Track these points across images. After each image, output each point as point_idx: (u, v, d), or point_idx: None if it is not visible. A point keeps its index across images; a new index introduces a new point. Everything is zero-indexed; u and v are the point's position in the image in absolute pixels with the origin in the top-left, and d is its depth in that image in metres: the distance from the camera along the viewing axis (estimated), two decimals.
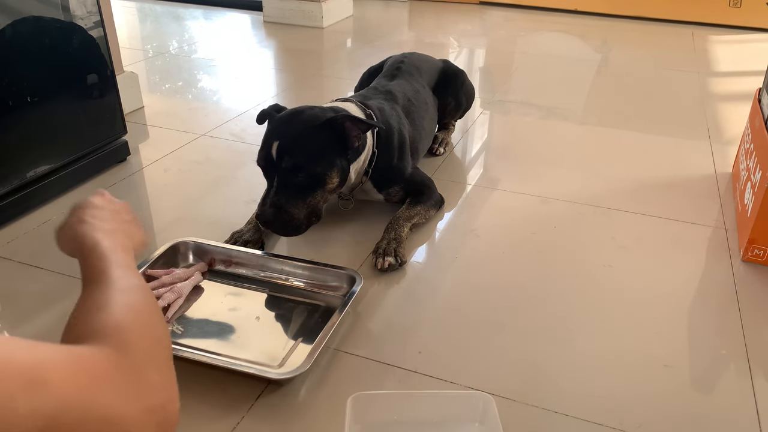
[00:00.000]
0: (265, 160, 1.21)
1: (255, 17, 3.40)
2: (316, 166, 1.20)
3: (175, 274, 1.14)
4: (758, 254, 1.29)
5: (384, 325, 1.10)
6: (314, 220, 1.25)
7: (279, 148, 1.19)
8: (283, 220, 1.19)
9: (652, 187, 1.61)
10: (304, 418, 0.90)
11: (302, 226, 1.22)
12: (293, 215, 1.19)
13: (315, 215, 1.24)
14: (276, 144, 1.20)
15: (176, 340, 1.02)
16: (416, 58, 1.74)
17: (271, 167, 1.21)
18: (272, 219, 1.18)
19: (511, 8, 3.73)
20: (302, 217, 1.21)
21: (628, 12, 3.53)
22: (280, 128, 1.24)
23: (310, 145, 1.21)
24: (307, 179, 1.20)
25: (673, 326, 1.11)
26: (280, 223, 1.20)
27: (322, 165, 1.21)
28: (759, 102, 1.54)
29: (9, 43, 1.30)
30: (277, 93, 2.30)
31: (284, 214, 1.19)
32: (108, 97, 1.60)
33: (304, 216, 1.21)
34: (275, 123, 1.27)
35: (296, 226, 1.21)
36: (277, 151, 1.19)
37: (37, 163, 1.43)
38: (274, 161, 1.20)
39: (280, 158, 1.19)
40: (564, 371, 1.00)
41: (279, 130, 1.23)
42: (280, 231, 1.22)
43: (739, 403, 0.95)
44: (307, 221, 1.23)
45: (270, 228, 1.22)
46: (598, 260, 1.30)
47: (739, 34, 3.29)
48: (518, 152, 1.82)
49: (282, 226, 1.20)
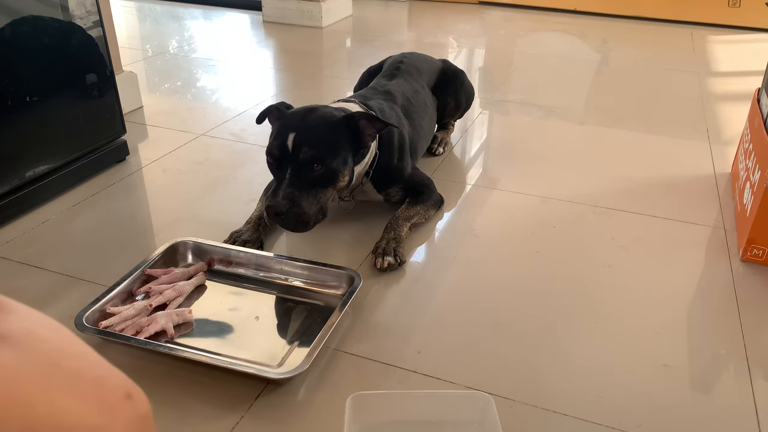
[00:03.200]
0: (280, 150, 1.18)
1: (254, 17, 3.40)
2: (333, 161, 1.19)
3: (174, 274, 1.15)
4: (757, 254, 1.29)
5: (383, 324, 1.10)
6: (321, 217, 1.22)
7: (296, 139, 1.17)
8: (295, 214, 1.16)
9: (652, 187, 1.61)
10: (303, 418, 0.90)
11: (311, 222, 1.19)
12: (305, 210, 1.17)
13: (322, 213, 1.22)
14: (293, 135, 1.17)
15: (176, 340, 1.02)
16: (415, 58, 1.74)
17: (285, 159, 1.18)
18: (285, 211, 1.14)
19: (510, 8, 3.73)
20: (312, 212, 1.18)
21: (628, 12, 3.53)
22: (296, 121, 1.22)
23: (328, 139, 1.20)
24: (323, 173, 1.18)
25: (672, 326, 1.11)
26: (292, 216, 1.16)
27: (338, 161, 1.20)
28: (758, 102, 1.54)
29: (8, 42, 1.30)
30: (276, 93, 2.30)
31: (297, 208, 1.16)
32: (107, 96, 1.60)
33: (314, 212, 1.19)
34: (289, 117, 1.25)
35: (306, 222, 1.18)
36: (294, 141, 1.17)
37: (36, 162, 1.43)
38: (289, 153, 1.18)
39: (296, 149, 1.17)
40: (563, 371, 1.00)
41: (294, 124, 1.21)
42: (290, 225, 1.18)
43: (738, 402, 0.95)
44: (315, 218, 1.20)
45: (279, 221, 1.17)
46: (597, 260, 1.30)
47: (739, 34, 3.29)
48: (518, 152, 1.82)
49: (293, 219, 1.16)
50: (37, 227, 1.37)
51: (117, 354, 1.01)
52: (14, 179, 1.38)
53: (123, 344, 1.01)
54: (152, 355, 1.00)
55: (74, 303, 1.10)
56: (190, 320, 1.06)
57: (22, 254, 1.27)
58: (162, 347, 0.98)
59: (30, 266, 1.23)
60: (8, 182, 1.36)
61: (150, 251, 1.25)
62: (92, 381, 0.30)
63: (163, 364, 0.99)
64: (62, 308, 1.10)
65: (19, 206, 1.40)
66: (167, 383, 0.95)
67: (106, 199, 1.50)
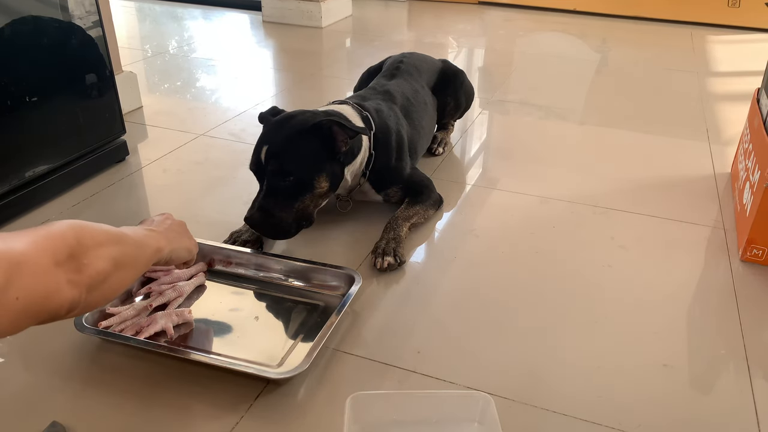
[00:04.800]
0: (256, 164, 1.23)
1: (254, 17, 3.40)
2: (303, 172, 1.20)
3: (174, 274, 1.14)
4: (757, 254, 1.29)
5: (383, 324, 1.10)
6: (305, 224, 1.25)
7: (268, 152, 1.20)
8: (271, 224, 1.20)
9: (651, 187, 1.61)
10: (303, 418, 0.90)
11: (291, 230, 1.23)
12: (281, 218, 1.20)
13: (305, 219, 1.25)
14: (265, 148, 1.21)
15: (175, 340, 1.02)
16: (415, 58, 1.74)
17: (261, 171, 1.22)
18: (259, 222, 1.20)
19: (510, 8, 3.73)
20: (290, 220, 1.21)
21: (627, 12, 3.53)
22: (270, 133, 1.25)
23: (297, 150, 1.21)
24: (293, 184, 1.20)
25: (672, 326, 1.11)
26: (269, 227, 1.21)
27: (309, 170, 1.21)
28: (758, 102, 1.54)
29: (8, 42, 1.30)
30: (276, 93, 2.30)
31: (271, 218, 1.19)
32: (107, 96, 1.60)
33: (292, 219, 1.22)
34: (267, 128, 1.28)
35: (285, 230, 1.22)
36: (265, 155, 1.20)
37: (36, 162, 1.43)
38: (263, 166, 1.21)
39: (267, 162, 1.20)
40: (563, 371, 1.00)
41: (269, 135, 1.24)
42: (269, 234, 1.23)
43: (738, 403, 0.95)
44: (296, 225, 1.23)
45: (258, 231, 1.23)
46: (597, 260, 1.30)
47: (738, 34, 3.29)
48: (517, 152, 1.82)
49: (271, 229, 1.21)
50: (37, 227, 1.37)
51: (117, 354, 1.01)
52: (14, 179, 1.38)
53: (123, 344, 1.01)
54: (152, 355, 1.00)
55: None
56: (190, 320, 1.06)
57: None
58: (162, 347, 0.98)
59: None
60: (8, 182, 1.36)
61: None
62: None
63: (163, 364, 0.99)
64: None
65: (19, 206, 1.40)
66: (167, 383, 0.95)
67: (106, 199, 1.50)
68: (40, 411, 0.90)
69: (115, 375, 0.97)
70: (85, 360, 1.00)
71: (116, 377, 0.97)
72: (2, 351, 1.02)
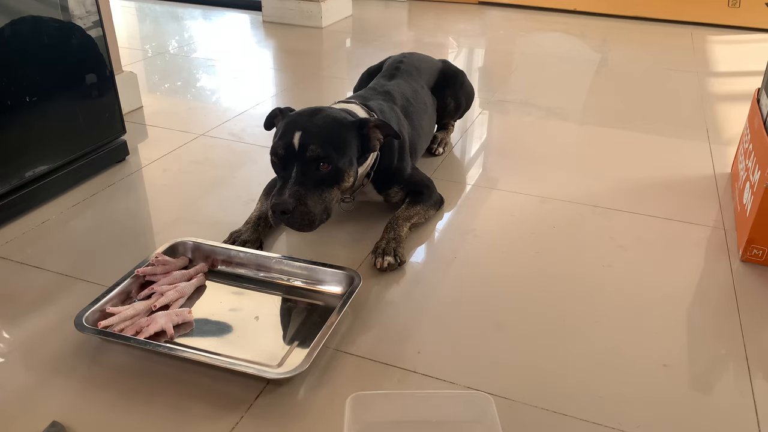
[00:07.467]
0: (286, 149, 1.18)
1: (254, 17, 3.40)
2: (340, 160, 1.19)
3: (173, 275, 1.15)
4: (757, 254, 1.29)
5: (383, 324, 1.10)
6: (325, 217, 1.21)
7: (303, 138, 1.17)
8: (301, 212, 1.15)
9: (651, 187, 1.61)
10: (303, 418, 0.90)
11: (316, 221, 1.18)
12: (310, 208, 1.16)
13: (327, 213, 1.21)
14: (299, 134, 1.17)
15: (176, 340, 1.02)
16: (415, 58, 1.74)
17: (291, 158, 1.18)
18: (292, 209, 1.14)
19: (510, 8, 3.73)
20: (318, 212, 1.18)
21: (627, 12, 3.53)
22: (302, 120, 1.21)
23: (336, 139, 1.20)
24: (329, 172, 1.18)
25: (672, 326, 1.11)
26: (298, 215, 1.15)
27: (344, 161, 1.20)
28: (758, 102, 1.54)
29: (8, 42, 1.30)
30: (276, 93, 2.30)
31: (303, 206, 1.15)
32: (107, 96, 1.60)
33: (319, 211, 1.18)
34: (294, 116, 1.24)
35: (311, 221, 1.17)
36: (300, 140, 1.17)
37: (36, 163, 1.43)
38: (296, 151, 1.17)
39: (303, 148, 1.17)
40: (563, 371, 1.00)
41: (300, 122, 1.20)
42: (295, 224, 1.17)
43: (738, 402, 0.95)
44: (320, 218, 1.19)
45: (285, 220, 1.16)
46: (597, 260, 1.30)
47: (738, 34, 3.29)
48: (517, 152, 1.82)
49: (299, 218, 1.15)
50: (37, 227, 1.37)
51: (117, 354, 1.01)
52: (14, 179, 1.38)
53: (123, 344, 1.01)
54: (152, 355, 1.00)
55: (74, 303, 1.10)
56: (190, 320, 1.06)
57: (22, 254, 1.27)
58: (162, 347, 0.98)
59: (30, 266, 1.23)
60: (8, 182, 1.36)
61: (150, 251, 1.25)
62: None
63: (163, 364, 0.99)
64: (62, 308, 1.10)
65: (19, 206, 1.40)
66: (167, 383, 0.95)
67: (106, 199, 1.50)
68: (40, 411, 0.90)
69: (115, 375, 0.97)
70: (85, 360, 1.00)
71: (116, 377, 0.97)
72: (2, 351, 1.02)
